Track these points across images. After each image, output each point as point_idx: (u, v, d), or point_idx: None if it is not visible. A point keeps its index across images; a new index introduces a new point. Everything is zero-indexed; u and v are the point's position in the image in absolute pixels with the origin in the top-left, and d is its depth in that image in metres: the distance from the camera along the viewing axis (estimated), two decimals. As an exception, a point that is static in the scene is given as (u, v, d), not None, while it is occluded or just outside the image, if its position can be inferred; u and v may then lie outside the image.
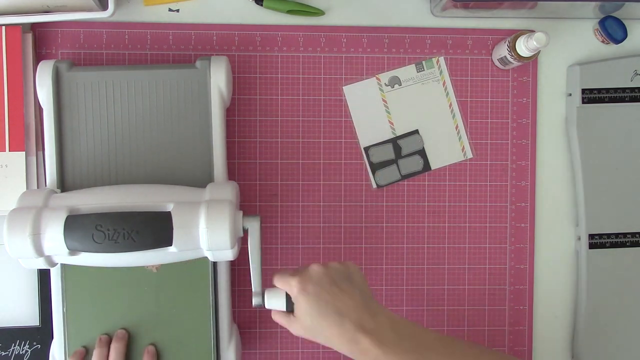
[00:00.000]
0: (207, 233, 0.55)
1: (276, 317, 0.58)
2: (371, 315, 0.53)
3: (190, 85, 0.63)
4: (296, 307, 0.55)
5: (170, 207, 0.55)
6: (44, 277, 0.68)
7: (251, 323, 0.71)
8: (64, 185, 0.62)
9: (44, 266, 0.57)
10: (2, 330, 0.68)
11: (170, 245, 0.55)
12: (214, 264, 0.62)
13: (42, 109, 0.63)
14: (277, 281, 0.57)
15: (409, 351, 0.51)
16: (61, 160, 0.62)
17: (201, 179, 0.63)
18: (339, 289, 0.54)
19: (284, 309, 0.57)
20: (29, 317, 0.68)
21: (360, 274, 0.58)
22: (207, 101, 0.63)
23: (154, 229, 0.54)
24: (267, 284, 0.60)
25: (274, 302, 0.58)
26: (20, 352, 0.68)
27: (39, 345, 0.68)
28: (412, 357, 0.51)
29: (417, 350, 0.52)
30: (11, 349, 0.68)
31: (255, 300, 0.58)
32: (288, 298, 0.57)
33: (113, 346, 0.60)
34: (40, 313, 0.68)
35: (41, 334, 0.68)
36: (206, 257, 0.58)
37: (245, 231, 0.58)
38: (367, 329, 0.52)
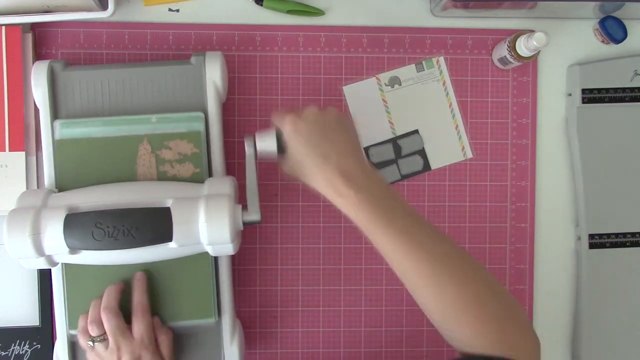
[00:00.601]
0: (207, 227, 0.55)
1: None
2: (353, 163, 0.55)
3: (186, 81, 0.63)
4: (287, 143, 0.57)
5: (169, 203, 0.56)
6: (44, 277, 0.68)
7: (252, 323, 0.71)
8: (62, 185, 0.62)
9: (44, 266, 0.57)
10: (2, 330, 0.68)
11: (170, 240, 0.55)
12: (215, 258, 0.62)
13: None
14: (274, 117, 0.59)
15: (380, 198, 0.54)
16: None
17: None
18: (330, 133, 0.57)
19: (275, 149, 0.58)
20: (29, 317, 0.68)
21: (353, 126, 0.60)
22: (203, 96, 0.63)
23: (154, 225, 0.54)
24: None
25: (265, 144, 0.58)
26: (20, 352, 0.68)
27: (39, 345, 0.68)
28: (383, 203, 0.53)
29: (387, 197, 0.54)
30: (11, 349, 0.68)
31: (247, 142, 0.59)
32: (279, 138, 0.58)
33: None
34: (40, 313, 0.68)
35: (41, 334, 0.68)
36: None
37: (245, 224, 0.58)
38: (344, 172, 0.54)
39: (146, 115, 0.62)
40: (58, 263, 0.58)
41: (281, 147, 0.58)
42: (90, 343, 0.57)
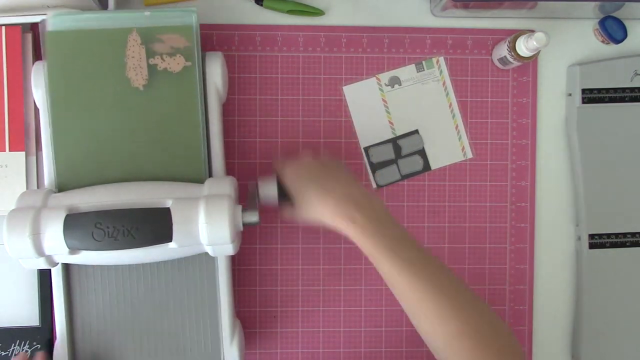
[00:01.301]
0: (207, 228, 0.55)
1: (284, 213, 0.62)
2: (357, 189, 0.57)
3: None
4: (288, 184, 0.59)
5: (169, 203, 0.56)
6: (44, 277, 0.68)
7: (252, 323, 0.71)
8: (61, 185, 0.62)
9: (44, 266, 0.57)
10: (2, 330, 0.68)
11: (170, 241, 0.55)
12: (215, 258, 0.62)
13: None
14: (274, 163, 0.61)
15: (386, 225, 0.55)
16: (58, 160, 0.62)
17: (199, 175, 0.63)
18: (329, 169, 0.59)
19: (276, 193, 0.60)
20: (29, 317, 0.68)
21: (347, 168, 0.62)
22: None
23: (154, 225, 0.54)
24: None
25: (267, 189, 0.61)
26: (20, 352, 0.68)
27: (39, 345, 0.68)
28: (389, 231, 0.54)
29: (392, 225, 0.55)
30: (11, 349, 0.68)
31: (250, 189, 0.61)
32: (279, 184, 0.60)
33: None
34: (40, 313, 0.68)
35: (41, 334, 0.68)
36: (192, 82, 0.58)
37: (245, 224, 0.59)
38: (350, 198, 0.55)
39: (139, 10, 0.62)
40: (58, 263, 0.58)
41: (282, 193, 0.60)
42: None
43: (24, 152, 0.66)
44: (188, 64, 0.61)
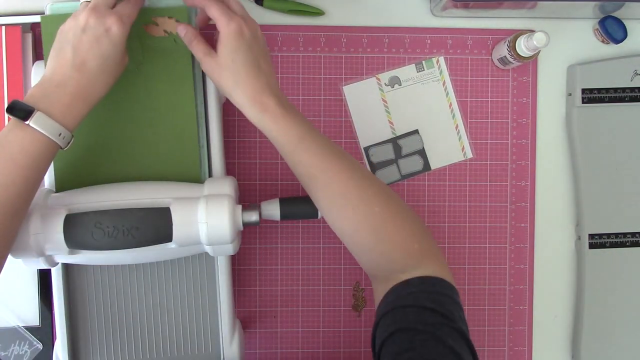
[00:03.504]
0: (207, 228, 0.55)
1: (198, 52, 0.56)
2: (278, 87, 0.56)
3: None
4: (223, 45, 0.53)
5: (169, 203, 0.55)
6: (44, 277, 0.68)
7: (251, 323, 0.71)
8: (60, 185, 0.62)
9: (44, 266, 0.57)
10: (2, 330, 0.68)
11: (170, 241, 0.55)
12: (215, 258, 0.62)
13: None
14: (212, 7, 0.54)
15: (303, 120, 0.55)
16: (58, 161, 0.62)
17: (198, 176, 0.63)
18: (265, 54, 0.56)
19: (278, 213, 0.61)
20: (29, 317, 0.68)
21: (267, 47, 0.59)
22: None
23: (154, 225, 0.54)
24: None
25: (269, 210, 0.61)
26: (20, 352, 0.68)
27: (39, 346, 0.68)
28: (307, 124, 0.54)
29: (308, 122, 0.55)
30: (11, 349, 0.68)
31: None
32: (281, 204, 0.61)
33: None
34: (40, 313, 0.68)
35: (41, 334, 0.68)
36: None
37: (245, 224, 0.58)
38: (272, 90, 0.54)
39: None
40: (58, 263, 0.58)
41: (284, 212, 0.61)
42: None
43: (24, 152, 0.66)
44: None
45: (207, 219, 0.55)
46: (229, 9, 0.55)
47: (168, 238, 0.54)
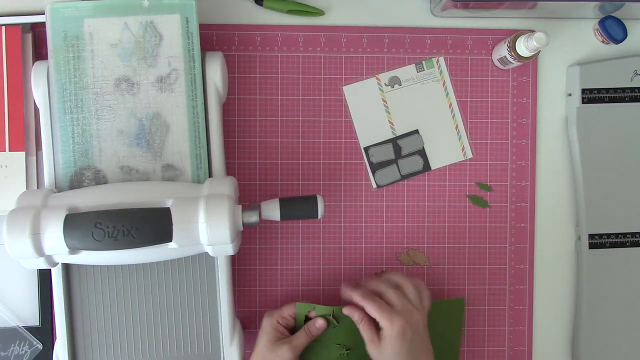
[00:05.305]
0: (207, 228, 0.55)
1: (366, 333, 0.59)
2: None
3: None
4: (387, 343, 0.56)
5: (169, 203, 0.55)
6: (44, 277, 0.68)
7: (251, 323, 0.71)
8: (61, 185, 0.62)
9: (44, 266, 0.57)
10: (2, 330, 0.68)
11: (170, 241, 0.55)
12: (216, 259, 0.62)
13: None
14: (371, 307, 0.58)
15: None
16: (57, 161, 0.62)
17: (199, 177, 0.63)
18: (426, 344, 0.58)
19: (279, 217, 0.60)
20: (29, 317, 0.68)
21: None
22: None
23: (154, 225, 0.54)
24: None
25: (269, 210, 0.60)
26: (20, 352, 0.68)
27: (39, 346, 0.68)
28: None
29: None
30: (11, 349, 0.68)
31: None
32: (281, 204, 0.60)
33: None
34: (40, 313, 0.68)
35: (41, 334, 0.68)
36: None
37: (245, 224, 0.58)
38: None
39: None
40: (58, 263, 0.58)
41: (285, 214, 0.60)
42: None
43: (24, 152, 0.66)
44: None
45: (207, 219, 0.55)
46: (388, 303, 0.58)
47: (168, 238, 0.54)
